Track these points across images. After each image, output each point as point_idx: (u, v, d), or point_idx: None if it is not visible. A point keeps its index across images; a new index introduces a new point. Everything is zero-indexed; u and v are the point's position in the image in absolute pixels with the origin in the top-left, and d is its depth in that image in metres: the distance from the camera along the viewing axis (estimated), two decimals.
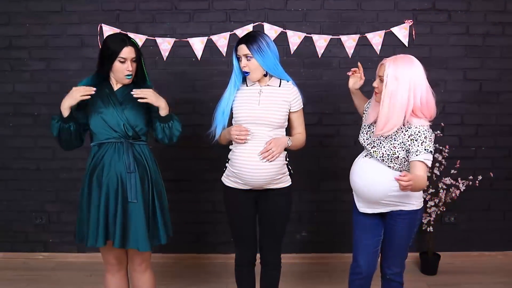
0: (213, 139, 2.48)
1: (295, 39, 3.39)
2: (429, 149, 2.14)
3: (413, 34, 3.40)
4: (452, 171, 3.36)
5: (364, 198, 2.36)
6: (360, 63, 2.52)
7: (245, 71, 2.35)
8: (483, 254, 3.69)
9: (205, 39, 3.40)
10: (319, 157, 3.56)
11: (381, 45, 3.38)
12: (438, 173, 3.34)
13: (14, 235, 3.68)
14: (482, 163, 3.55)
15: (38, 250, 3.70)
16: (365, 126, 2.41)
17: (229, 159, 2.45)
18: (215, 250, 3.65)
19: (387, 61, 2.19)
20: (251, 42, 2.31)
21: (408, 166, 2.22)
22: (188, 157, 3.56)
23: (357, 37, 3.39)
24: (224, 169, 2.51)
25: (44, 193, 3.62)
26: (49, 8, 3.40)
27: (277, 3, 3.40)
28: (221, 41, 3.40)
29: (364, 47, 3.41)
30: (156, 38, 3.40)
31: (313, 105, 3.36)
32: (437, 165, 3.34)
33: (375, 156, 2.27)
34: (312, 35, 3.40)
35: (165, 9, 3.41)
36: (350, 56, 3.41)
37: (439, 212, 3.37)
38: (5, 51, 3.46)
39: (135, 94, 2.27)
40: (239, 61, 2.36)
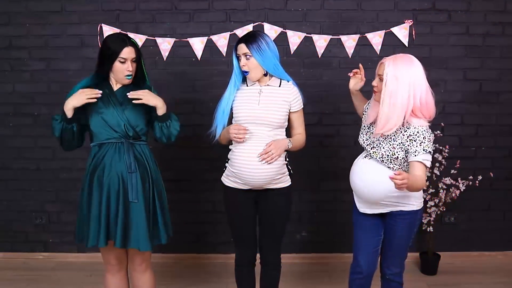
0: (213, 139, 2.48)
1: (295, 39, 3.39)
2: (428, 150, 2.14)
3: (413, 34, 3.40)
4: (452, 171, 3.36)
5: (364, 198, 2.36)
6: (361, 64, 2.52)
7: (244, 71, 2.35)
8: (483, 254, 3.69)
9: (205, 39, 3.40)
10: (319, 157, 3.56)
11: (381, 45, 3.38)
12: (438, 173, 3.34)
13: (14, 235, 3.68)
14: (482, 163, 3.55)
15: (38, 250, 3.70)
16: (364, 127, 2.41)
17: (228, 159, 2.45)
18: (215, 250, 3.65)
19: (387, 60, 2.19)
20: (251, 41, 2.31)
21: (408, 166, 2.22)
22: (188, 157, 3.56)
23: (357, 37, 3.39)
24: (224, 169, 2.51)
25: (44, 193, 3.62)
26: (49, 8, 3.40)
27: (277, 3, 3.40)
28: (221, 41, 3.40)
29: (364, 47, 3.40)
30: (156, 38, 3.40)
31: (313, 105, 3.36)
32: (437, 165, 3.34)
33: (374, 157, 2.27)
34: (312, 35, 3.40)
35: (165, 9, 3.41)
36: (350, 56, 3.41)
37: (439, 212, 3.37)
38: (5, 51, 3.46)
39: (130, 96, 2.29)
40: (239, 60, 2.36)
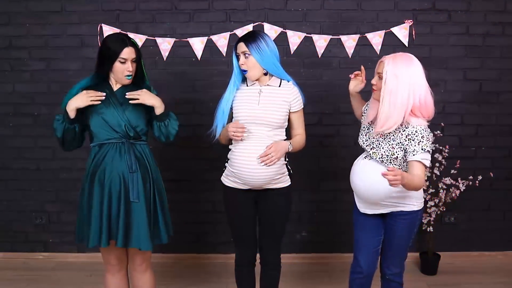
0: (213, 138, 2.48)
1: (295, 39, 3.39)
2: (426, 149, 2.14)
3: (413, 34, 3.39)
4: (452, 171, 3.36)
5: (364, 199, 2.36)
6: (363, 66, 2.51)
7: (243, 69, 2.35)
8: (483, 254, 3.69)
9: (205, 39, 3.40)
10: (319, 157, 3.56)
11: (381, 45, 3.37)
12: (438, 173, 3.34)
13: (14, 235, 3.68)
14: (482, 163, 3.55)
15: (38, 250, 3.70)
16: (364, 128, 2.41)
17: (228, 159, 2.45)
18: (215, 250, 3.65)
19: (387, 59, 2.19)
20: (250, 40, 2.32)
21: (407, 166, 2.22)
22: (188, 157, 3.56)
23: (357, 37, 3.39)
24: (223, 169, 2.51)
25: (44, 193, 3.62)
26: (49, 8, 3.40)
27: (277, 3, 3.40)
28: (221, 41, 3.40)
29: (364, 47, 3.40)
30: (156, 38, 3.40)
31: (313, 105, 3.36)
32: (437, 165, 3.34)
33: (374, 157, 2.27)
34: (312, 35, 3.40)
35: (165, 9, 3.41)
36: (350, 56, 3.41)
37: (439, 212, 3.37)
38: (5, 51, 3.46)
39: (128, 96, 2.30)
40: (238, 59, 2.37)
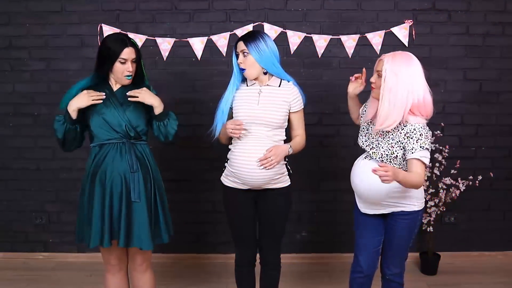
0: (213, 138, 2.48)
1: (295, 39, 3.39)
2: (425, 146, 2.13)
3: (413, 34, 3.39)
4: (452, 171, 3.36)
5: (364, 199, 2.36)
6: (364, 69, 2.50)
7: (241, 68, 2.36)
8: (483, 254, 3.69)
9: (205, 39, 3.40)
10: (319, 157, 3.56)
11: (381, 45, 3.37)
12: (438, 173, 3.34)
13: (14, 235, 3.68)
14: (482, 163, 3.55)
15: (38, 250, 3.70)
16: (363, 129, 2.41)
17: (228, 159, 2.45)
18: (215, 250, 3.65)
19: (386, 57, 2.19)
20: (249, 39, 2.32)
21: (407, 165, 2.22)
22: (188, 157, 3.56)
23: (357, 37, 3.39)
24: (223, 169, 2.51)
25: (44, 193, 3.62)
26: (49, 8, 3.40)
27: (277, 3, 3.40)
28: (221, 41, 3.40)
29: (364, 47, 3.40)
30: (156, 38, 3.39)
31: (313, 105, 3.36)
32: (437, 165, 3.34)
33: (374, 157, 2.27)
34: (312, 35, 3.40)
35: (165, 9, 3.40)
36: (350, 56, 3.41)
37: (439, 212, 3.37)
38: (5, 51, 3.46)
39: (128, 94, 2.31)
40: (238, 58, 2.37)
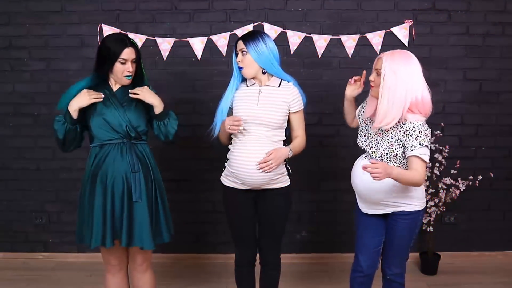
0: (212, 137, 2.48)
1: (295, 39, 3.39)
2: (424, 143, 2.13)
3: (413, 34, 3.39)
4: (452, 171, 3.36)
5: (365, 199, 2.36)
6: (365, 71, 2.49)
7: (240, 66, 2.37)
8: (483, 254, 3.69)
9: (205, 39, 3.40)
10: (319, 157, 3.56)
11: (381, 45, 3.37)
12: (438, 173, 3.34)
13: (14, 235, 3.68)
14: (482, 163, 3.55)
15: (38, 250, 3.70)
16: (362, 129, 2.41)
17: (227, 159, 2.45)
18: (215, 250, 3.65)
19: (385, 55, 2.20)
20: (249, 38, 2.34)
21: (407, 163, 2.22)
22: (188, 157, 3.56)
23: (357, 37, 3.39)
24: (223, 169, 2.51)
25: (44, 193, 3.62)
26: (49, 8, 3.40)
27: (277, 3, 3.40)
28: (221, 41, 3.40)
29: (364, 47, 3.40)
30: (156, 38, 3.39)
31: (313, 105, 3.35)
32: (437, 165, 3.34)
33: (374, 156, 2.27)
34: (312, 35, 3.40)
35: (165, 9, 3.40)
36: (350, 56, 3.41)
37: (439, 212, 3.37)
38: (5, 51, 3.46)
39: (130, 91, 2.32)
40: (237, 57, 2.38)
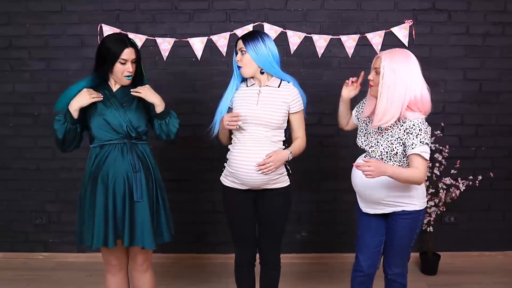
0: (212, 135, 2.48)
1: (295, 39, 3.39)
2: (425, 141, 2.14)
3: (413, 34, 3.39)
4: (452, 171, 3.36)
5: (365, 198, 2.36)
6: (363, 72, 2.49)
7: (238, 66, 2.37)
8: (483, 254, 3.69)
9: (205, 39, 3.40)
10: (319, 157, 3.56)
11: (381, 45, 3.37)
12: (438, 173, 3.34)
13: (14, 235, 3.68)
14: (482, 163, 3.55)
15: (38, 250, 3.70)
16: (361, 129, 2.41)
17: (227, 159, 2.45)
18: (215, 250, 3.65)
19: (384, 54, 2.21)
20: (248, 38, 2.34)
21: (408, 161, 2.22)
22: (188, 157, 3.56)
23: (357, 37, 3.39)
24: (222, 169, 2.51)
25: (44, 193, 3.62)
26: (49, 8, 3.40)
27: (277, 3, 3.40)
28: (221, 41, 3.40)
29: (364, 47, 3.40)
30: (156, 38, 3.39)
31: (313, 105, 3.35)
32: (437, 165, 3.34)
33: (373, 155, 2.27)
34: (312, 35, 3.40)
35: (165, 9, 3.41)
36: (350, 56, 3.41)
37: (439, 212, 3.37)
38: (5, 51, 3.46)
39: (132, 90, 2.32)
40: (236, 56, 2.39)
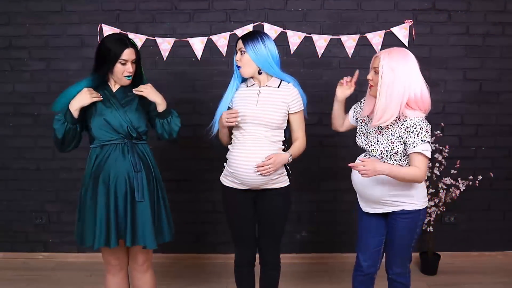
0: (211, 134, 2.48)
1: (295, 39, 3.39)
2: (426, 140, 2.14)
3: (413, 34, 3.39)
4: (452, 171, 3.36)
5: (365, 197, 2.36)
6: (357, 71, 2.46)
7: (238, 65, 2.38)
8: (483, 254, 3.69)
9: (205, 39, 3.40)
10: (319, 157, 3.56)
11: (381, 45, 3.37)
12: (438, 173, 3.34)
13: (14, 235, 3.68)
14: (482, 163, 3.55)
15: (38, 250, 3.70)
16: (361, 128, 2.41)
17: (227, 159, 2.45)
18: (215, 250, 3.65)
19: (382, 54, 2.21)
20: (248, 38, 2.35)
21: (408, 161, 2.22)
22: (188, 157, 3.56)
23: (357, 37, 3.39)
24: (222, 169, 2.51)
25: (44, 193, 3.62)
26: (49, 8, 3.40)
27: (277, 3, 3.40)
28: (221, 41, 3.40)
29: (364, 47, 3.40)
30: (156, 38, 3.40)
31: (313, 105, 3.33)
32: (437, 165, 3.34)
33: (373, 154, 2.27)
34: (312, 35, 3.40)
35: (165, 9, 3.41)
36: (350, 56, 3.41)
37: (439, 212, 3.37)
38: (5, 51, 3.46)
39: (134, 90, 2.32)
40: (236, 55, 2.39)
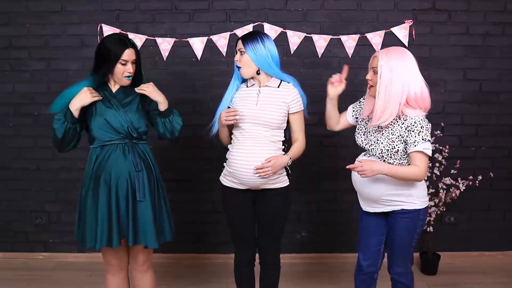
0: (211, 134, 2.49)
1: (295, 39, 3.39)
2: (427, 138, 2.14)
3: (413, 34, 3.40)
4: (452, 171, 3.36)
5: (364, 196, 2.37)
6: (347, 66, 2.42)
7: (237, 66, 2.38)
8: (483, 254, 3.69)
9: (205, 39, 3.40)
10: (319, 157, 3.56)
11: (381, 45, 3.37)
12: (438, 173, 3.34)
13: (14, 235, 3.68)
14: (482, 163, 3.55)
15: (38, 250, 3.70)
16: (360, 127, 2.41)
17: (226, 159, 2.46)
18: (215, 250, 3.65)
19: (380, 53, 2.21)
20: (248, 38, 2.35)
21: (408, 159, 2.22)
22: (188, 157, 3.56)
23: (357, 37, 3.39)
24: (222, 169, 2.51)
25: (44, 193, 3.62)
26: (49, 8, 3.40)
27: (277, 3, 3.40)
28: (221, 41, 3.40)
29: (364, 47, 3.40)
30: (156, 38, 3.40)
31: (313, 105, 3.32)
32: (437, 165, 3.34)
33: (373, 153, 2.27)
34: (312, 35, 3.40)
35: (165, 9, 3.41)
36: (350, 56, 3.41)
37: (439, 212, 3.37)
38: (5, 51, 3.46)
39: (136, 89, 2.33)
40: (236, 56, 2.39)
